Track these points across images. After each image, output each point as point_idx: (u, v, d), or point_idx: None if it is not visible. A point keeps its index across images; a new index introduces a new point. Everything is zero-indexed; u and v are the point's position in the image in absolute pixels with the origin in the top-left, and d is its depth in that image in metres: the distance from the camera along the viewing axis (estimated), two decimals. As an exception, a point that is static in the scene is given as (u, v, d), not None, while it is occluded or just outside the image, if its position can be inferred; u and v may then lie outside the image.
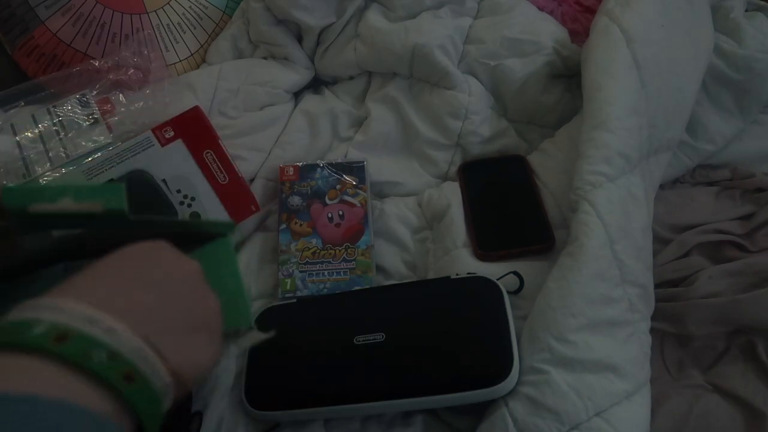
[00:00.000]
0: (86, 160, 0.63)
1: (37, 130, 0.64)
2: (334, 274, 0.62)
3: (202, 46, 0.80)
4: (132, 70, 0.71)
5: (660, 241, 0.64)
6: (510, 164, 0.67)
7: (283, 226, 0.65)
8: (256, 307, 0.62)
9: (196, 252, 0.44)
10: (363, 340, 0.53)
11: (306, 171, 0.68)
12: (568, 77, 0.72)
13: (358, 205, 0.65)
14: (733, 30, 0.71)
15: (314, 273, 0.62)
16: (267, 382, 0.54)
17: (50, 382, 0.28)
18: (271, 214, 0.68)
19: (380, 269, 0.63)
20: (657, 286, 0.56)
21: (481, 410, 0.50)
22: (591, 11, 0.75)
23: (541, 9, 0.76)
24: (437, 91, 0.70)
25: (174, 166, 0.63)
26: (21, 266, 0.41)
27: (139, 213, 0.38)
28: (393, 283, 0.62)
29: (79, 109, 0.66)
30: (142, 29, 0.75)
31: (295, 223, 0.65)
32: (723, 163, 0.70)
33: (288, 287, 0.62)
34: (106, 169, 0.62)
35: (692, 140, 0.69)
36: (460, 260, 0.59)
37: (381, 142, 0.71)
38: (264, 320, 0.58)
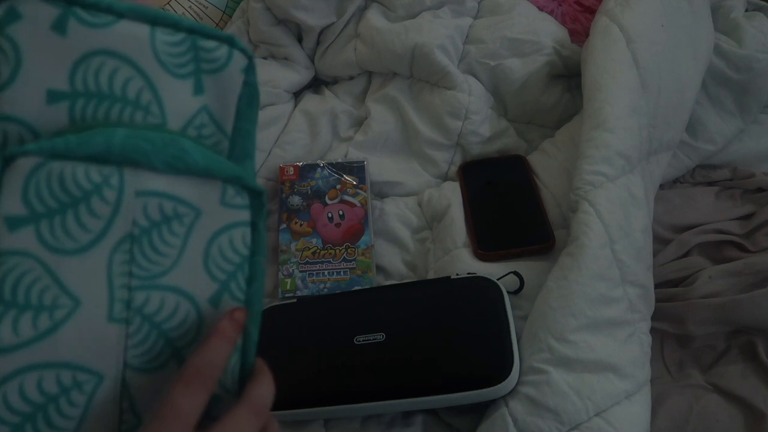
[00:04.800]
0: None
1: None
2: (334, 273, 0.62)
3: (202, 46, 0.80)
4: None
5: (660, 241, 0.64)
6: (510, 164, 0.67)
7: (283, 225, 0.65)
8: (256, 307, 0.62)
9: None
10: (363, 340, 0.53)
11: (306, 171, 0.68)
12: (568, 77, 0.72)
13: (358, 204, 0.65)
14: (733, 30, 0.71)
15: (314, 273, 0.62)
16: (267, 382, 0.54)
17: None
18: (271, 213, 0.68)
19: (380, 269, 0.63)
20: (657, 286, 0.56)
21: (481, 410, 0.50)
22: (591, 11, 0.75)
23: (541, 9, 0.76)
24: (437, 91, 0.70)
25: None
26: None
27: None
28: (393, 283, 0.62)
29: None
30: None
31: (295, 222, 0.65)
32: (723, 163, 0.70)
33: (288, 287, 0.62)
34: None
35: (692, 140, 0.69)
36: (460, 260, 0.59)
37: (381, 142, 0.71)
38: (264, 320, 0.58)
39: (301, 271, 0.62)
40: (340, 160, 0.69)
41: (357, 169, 0.68)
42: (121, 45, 0.31)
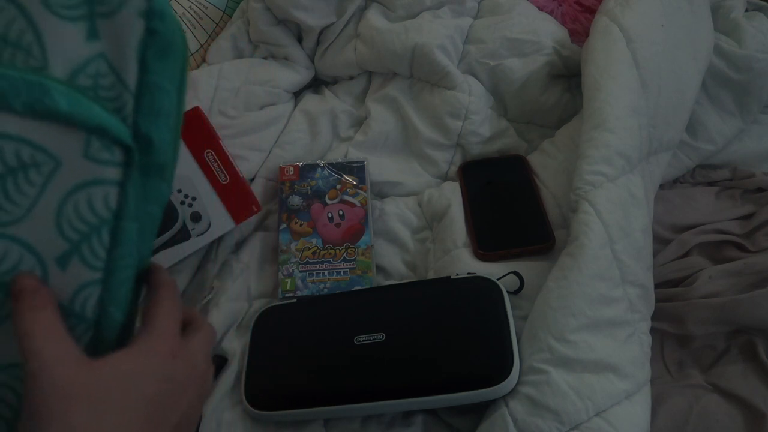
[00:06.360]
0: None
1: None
2: (334, 273, 0.62)
3: (202, 46, 0.80)
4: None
5: (660, 241, 0.64)
6: (510, 164, 0.67)
7: (283, 225, 0.65)
8: (256, 307, 0.62)
9: None
10: (363, 340, 0.53)
11: (306, 171, 0.68)
12: (568, 77, 0.72)
13: (358, 204, 0.65)
14: (733, 30, 0.71)
15: (314, 273, 0.62)
16: (267, 382, 0.54)
17: None
18: (271, 213, 0.68)
19: (380, 269, 0.63)
20: (657, 286, 0.56)
21: (481, 410, 0.50)
22: (591, 11, 0.75)
23: (541, 9, 0.76)
24: (437, 91, 0.70)
25: (174, 166, 0.63)
26: None
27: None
28: (393, 283, 0.62)
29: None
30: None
31: (295, 222, 0.65)
32: (723, 163, 0.70)
33: (288, 287, 0.62)
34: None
35: (692, 140, 0.69)
36: (460, 260, 0.59)
37: (381, 142, 0.71)
38: (264, 320, 0.59)
39: (301, 271, 0.62)
40: (340, 160, 0.69)
41: (357, 169, 0.68)
42: None
